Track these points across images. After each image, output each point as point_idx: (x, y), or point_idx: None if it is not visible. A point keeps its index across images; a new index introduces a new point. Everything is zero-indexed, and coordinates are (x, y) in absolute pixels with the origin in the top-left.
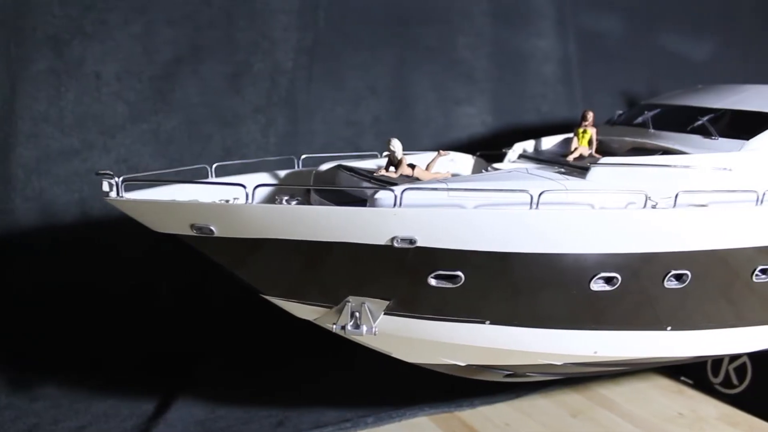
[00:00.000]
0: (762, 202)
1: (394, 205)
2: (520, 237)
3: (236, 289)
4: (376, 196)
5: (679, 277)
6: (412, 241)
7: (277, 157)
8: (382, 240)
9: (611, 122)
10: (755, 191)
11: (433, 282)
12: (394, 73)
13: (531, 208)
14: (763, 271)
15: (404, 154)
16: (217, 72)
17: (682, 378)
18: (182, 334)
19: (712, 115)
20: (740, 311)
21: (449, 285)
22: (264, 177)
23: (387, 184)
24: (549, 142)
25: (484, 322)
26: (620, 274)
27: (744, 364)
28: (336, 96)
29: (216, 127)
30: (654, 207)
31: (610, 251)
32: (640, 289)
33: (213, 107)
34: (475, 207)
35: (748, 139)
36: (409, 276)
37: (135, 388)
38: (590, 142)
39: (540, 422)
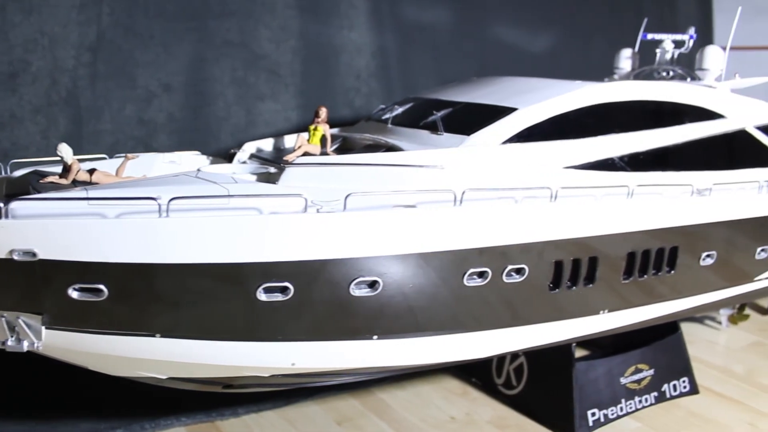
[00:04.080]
0: (461, 202)
1: (1, 216)
2: (157, 247)
3: None
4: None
5: (371, 285)
6: (33, 254)
7: None
8: (1, 253)
9: (368, 117)
10: (452, 191)
11: (75, 295)
12: (191, 68)
13: (161, 216)
14: (479, 275)
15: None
16: None
17: (474, 380)
18: None
19: (450, 109)
20: (458, 316)
21: (94, 298)
22: None
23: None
24: (293, 141)
25: (154, 336)
26: (293, 284)
27: (521, 365)
28: (125, 94)
29: None
30: (318, 211)
31: (271, 259)
32: (323, 297)
33: None
34: (117, 216)
35: (470, 134)
36: (44, 289)
37: None
38: (323, 140)
39: (301, 431)
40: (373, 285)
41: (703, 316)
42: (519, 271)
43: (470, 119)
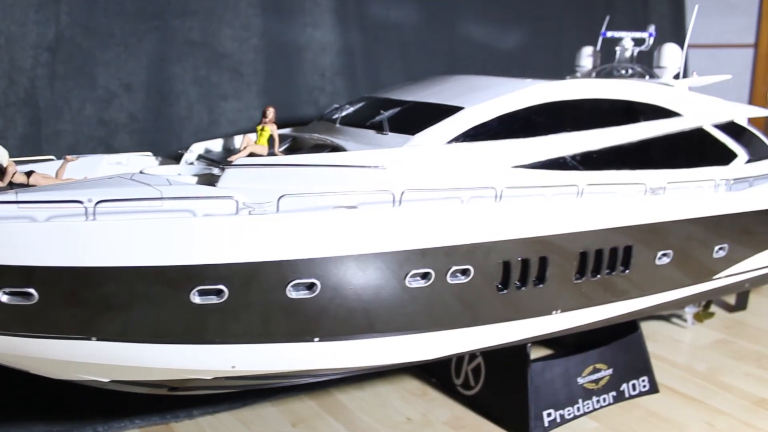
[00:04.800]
0: (400, 203)
1: None
2: (84, 250)
3: None
4: None
5: (309, 287)
6: None
7: None
8: None
9: (321, 117)
10: (391, 192)
11: (5, 299)
12: (152, 68)
13: (87, 219)
14: (422, 276)
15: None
16: None
17: (434, 380)
18: None
19: (398, 108)
20: (402, 318)
21: (25, 302)
22: None
23: None
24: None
25: (89, 339)
26: (227, 286)
27: (479, 365)
28: (85, 95)
29: None
30: (250, 213)
31: (203, 262)
32: (260, 300)
33: None
34: (47, 219)
35: (414, 134)
36: None
37: None
38: (271, 141)
39: None
40: (311, 287)
41: (669, 314)
42: (464, 272)
43: (417, 119)
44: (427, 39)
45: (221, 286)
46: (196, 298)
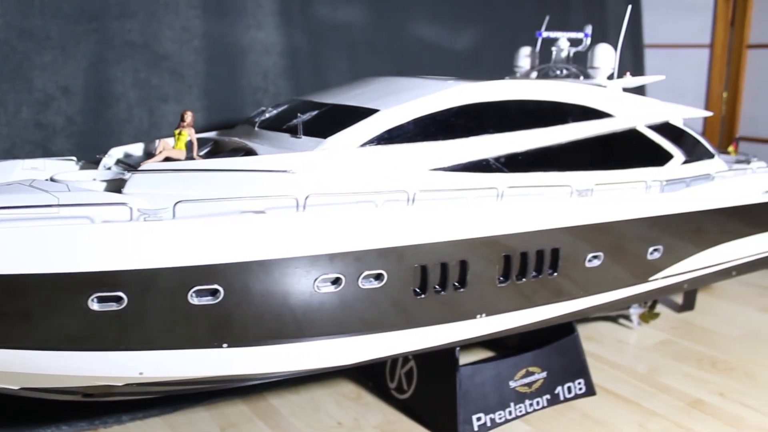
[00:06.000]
0: (304, 207)
1: None
2: None
3: None
4: None
5: (213, 293)
6: None
7: None
8: None
9: (246, 120)
10: (295, 197)
11: None
12: (90, 71)
13: None
14: (333, 281)
15: None
16: None
17: (370, 384)
18: None
19: (316, 111)
20: (314, 323)
21: None
22: None
23: None
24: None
25: None
26: (125, 293)
27: (412, 369)
28: (21, 98)
29: None
30: (146, 219)
31: (97, 269)
32: (161, 306)
33: None
34: None
35: (326, 137)
36: None
37: None
38: (189, 145)
39: None
40: (214, 293)
41: (616, 315)
42: (378, 277)
43: (332, 122)
44: (376, 40)
45: (120, 293)
46: (94, 305)
